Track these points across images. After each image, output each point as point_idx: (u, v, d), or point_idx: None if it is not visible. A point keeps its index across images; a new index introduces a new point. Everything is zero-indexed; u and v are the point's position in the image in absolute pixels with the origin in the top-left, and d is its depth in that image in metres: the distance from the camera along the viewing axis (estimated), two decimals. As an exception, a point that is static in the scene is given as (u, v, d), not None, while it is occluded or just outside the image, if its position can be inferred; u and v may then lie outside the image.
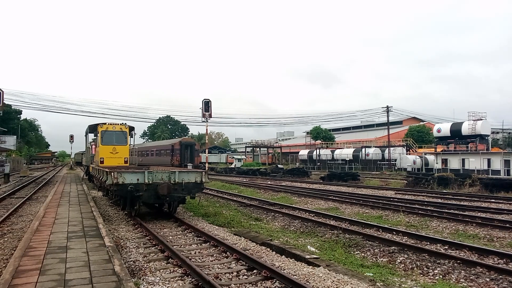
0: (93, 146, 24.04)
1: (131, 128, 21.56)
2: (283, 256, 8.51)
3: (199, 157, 49.07)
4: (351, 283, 6.35)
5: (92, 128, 22.54)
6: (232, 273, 7.23)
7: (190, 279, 6.78)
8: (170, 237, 10.33)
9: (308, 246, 9.76)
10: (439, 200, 19.45)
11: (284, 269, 7.28)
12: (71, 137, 55.60)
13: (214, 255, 8.59)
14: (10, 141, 63.16)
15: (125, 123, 21.60)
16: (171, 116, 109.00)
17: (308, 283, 6.40)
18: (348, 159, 61.22)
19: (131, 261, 7.81)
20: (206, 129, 29.27)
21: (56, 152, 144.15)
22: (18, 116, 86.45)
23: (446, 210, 15.47)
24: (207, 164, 28.00)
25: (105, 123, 21.05)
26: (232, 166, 62.12)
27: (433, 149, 51.93)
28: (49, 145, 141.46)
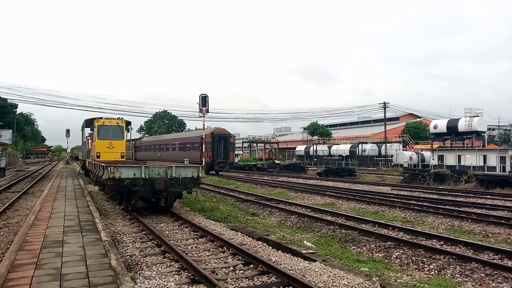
0: (90, 141, 23.96)
1: (128, 123, 21.50)
2: (280, 251, 8.53)
3: (234, 152, 40.64)
4: (347, 278, 6.37)
5: (89, 123, 22.45)
6: (228, 267, 7.24)
7: (187, 273, 6.79)
8: (167, 232, 10.33)
9: (305, 241, 9.79)
10: (435, 196, 19.53)
11: (281, 264, 7.30)
12: (67, 131, 55.24)
13: (211, 250, 8.60)
14: (6, 135, 62.88)
15: (122, 118, 21.53)
16: (167, 111, 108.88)
17: (304, 278, 6.42)
18: (345, 155, 61.34)
19: (127, 255, 7.81)
20: (203, 124, 29.17)
21: (52, 146, 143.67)
22: (14, 110, 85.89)
23: (442, 206, 15.54)
24: (204, 159, 27.89)
25: (101, 118, 20.98)
26: (229, 161, 61.89)
27: (430, 145, 52.12)
28: (45, 139, 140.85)
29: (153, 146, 49.99)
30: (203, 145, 30.58)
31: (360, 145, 60.91)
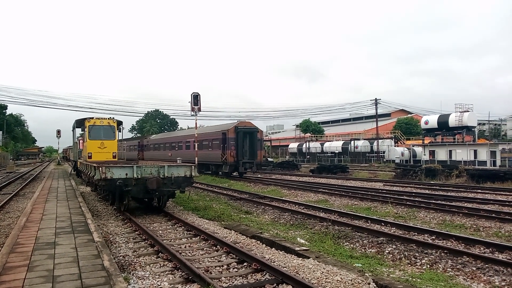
0: (81, 141, 23.78)
1: (119, 123, 21.35)
2: (273, 248, 8.55)
3: (263, 150, 33.56)
4: (340, 274, 6.40)
5: (80, 123, 22.27)
6: (222, 266, 7.25)
7: (181, 273, 6.78)
8: (160, 232, 10.30)
9: (298, 238, 9.82)
10: (427, 191, 19.70)
11: (274, 262, 7.32)
12: (58, 132, 54.58)
13: (204, 248, 8.59)
14: (-4, 137, 62.10)
15: (113, 118, 21.38)
16: (159, 110, 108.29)
17: (297, 275, 6.44)
18: (337, 151, 61.53)
19: (120, 256, 7.77)
20: (195, 123, 29.11)
21: (43, 147, 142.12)
22: (4, 111, 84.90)
23: (434, 201, 15.68)
24: (196, 158, 27.80)
25: (92, 118, 20.82)
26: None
27: (421, 141, 52.51)
28: (36, 141, 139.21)
29: (163, 144, 44.09)
30: (193, 144, 29.84)
31: (352, 142, 61.14)
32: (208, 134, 33.01)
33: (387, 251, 8.62)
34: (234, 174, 30.94)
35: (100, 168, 11.49)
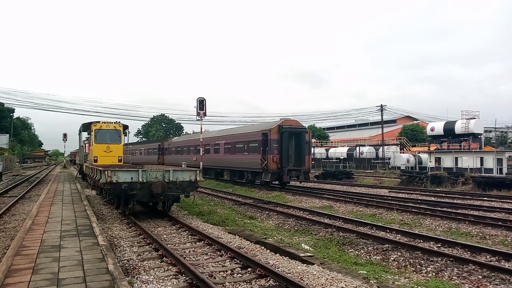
0: (87, 145, 23.91)
1: (125, 127, 21.46)
2: (278, 254, 8.52)
3: (310, 155, 27.50)
4: (345, 281, 6.37)
5: (86, 127, 22.44)
6: (226, 271, 7.23)
7: (185, 277, 6.78)
8: (164, 236, 10.30)
9: (302, 244, 9.78)
10: (432, 198, 19.58)
11: (279, 267, 7.30)
12: (64, 135, 54.88)
13: (209, 253, 8.58)
14: (3, 140, 62.61)
15: (119, 122, 21.50)
16: (165, 114, 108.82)
17: (302, 281, 6.41)
18: (342, 157, 61.39)
19: (125, 259, 7.79)
20: (201, 128, 29.17)
21: (49, 150, 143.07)
22: (11, 114, 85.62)
23: (439, 208, 15.58)
24: (201, 162, 27.80)
25: (98, 122, 20.96)
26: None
27: (427, 147, 52.22)
28: (42, 144, 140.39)
29: (186, 147, 38.47)
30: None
31: (357, 148, 61.01)
32: (243, 135, 27.38)
33: (392, 258, 8.56)
34: (275, 183, 25.87)
35: (106, 172, 11.53)
